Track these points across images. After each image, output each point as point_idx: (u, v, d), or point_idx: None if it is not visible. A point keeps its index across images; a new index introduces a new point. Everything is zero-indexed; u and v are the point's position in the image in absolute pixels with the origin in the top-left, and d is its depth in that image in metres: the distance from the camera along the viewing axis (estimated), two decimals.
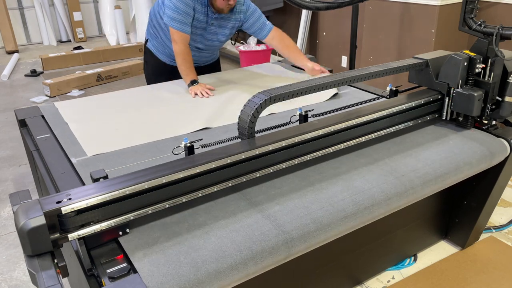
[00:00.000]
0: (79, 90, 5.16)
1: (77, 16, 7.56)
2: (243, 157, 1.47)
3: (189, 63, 2.56)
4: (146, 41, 2.94)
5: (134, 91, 2.64)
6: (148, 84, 2.94)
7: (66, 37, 7.66)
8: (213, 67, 3.02)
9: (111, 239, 1.31)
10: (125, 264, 1.22)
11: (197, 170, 1.39)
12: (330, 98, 2.37)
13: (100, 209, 1.25)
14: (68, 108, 2.35)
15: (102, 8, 7.43)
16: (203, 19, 2.55)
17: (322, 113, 1.85)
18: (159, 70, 2.83)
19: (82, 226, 1.23)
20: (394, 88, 2.07)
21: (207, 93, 2.44)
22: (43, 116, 2.25)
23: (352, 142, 1.76)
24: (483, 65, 1.88)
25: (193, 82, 2.51)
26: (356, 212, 1.50)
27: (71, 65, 6.11)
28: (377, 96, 2.20)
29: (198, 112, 2.26)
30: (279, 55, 3.06)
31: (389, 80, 2.18)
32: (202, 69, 2.90)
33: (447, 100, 1.95)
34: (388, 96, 2.07)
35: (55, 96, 4.99)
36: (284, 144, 1.55)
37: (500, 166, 1.94)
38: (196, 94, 2.44)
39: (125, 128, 2.09)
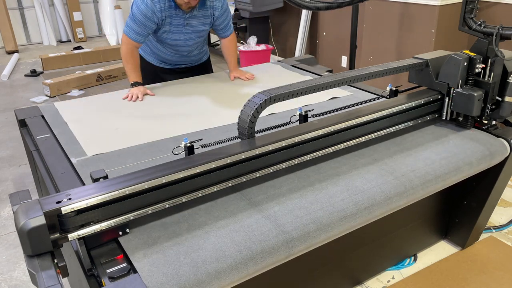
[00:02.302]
0: (79, 90, 5.16)
1: (77, 16, 7.56)
2: (243, 157, 1.47)
3: (132, 65, 2.60)
4: None
5: None
6: None
7: (66, 37, 7.66)
8: (204, 67, 3.01)
9: (111, 239, 1.31)
10: (125, 264, 1.22)
11: (197, 170, 1.39)
12: (330, 99, 2.37)
13: (100, 209, 1.25)
14: (68, 108, 2.35)
15: (102, 8, 7.43)
16: (177, 22, 2.55)
17: (322, 113, 1.85)
18: (149, 72, 2.81)
19: (82, 226, 1.23)
20: (394, 88, 2.07)
21: (138, 97, 2.45)
22: (43, 116, 2.26)
23: (352, 142, 1.76)
24: (483, 65, 1.88)
25: (134, 84, 2.55)
26: (356, 212, 1.50)
27: (71, 65, 6.10)
28: (377, 96, 2.20)
29: (196, 112, 2.26)
30: (278, 55, 3.07)
31: (389, 80, 2.17)
32: (193, 71, 2.91)
33: (447, 100, 1.95)
34: (388, 96, 2.07)
35: (55, 96, 4.99)
36: (284, 144, 1.55)
37: (500, 166, 1.94)
38: (127, 96, 2.47)
39: (125, 128, 2.10)
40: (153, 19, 2.46)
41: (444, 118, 2.00)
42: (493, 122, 1.99)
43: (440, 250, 2.28)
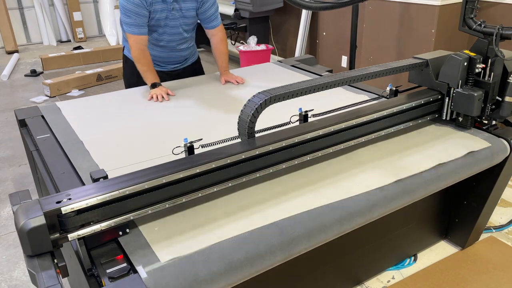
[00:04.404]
0: (79, 90, 5.16)
1: (77, 16, 7.56)
2: (243, 157, 1.47)
3: (147, 66, 2.53)
4: (123, 48, 2.92)
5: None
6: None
7: (66, 37, 7.66)
8: (195, 69, 2.97)
9: (111, 239, 1.31)
10: (125, 264, 1.22)
11: (197, 170, 1.39)
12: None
13: (100, 209, 1.25)
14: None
15: (102, 8, 7.43)
16: (163, 7, 2.50)
17: (322, 113, 1.85)
18: (138, 75, 2.69)
19: (82, 226, 1.23)
20: (394, 88, 2.07)
21: (164, 98, 2.40)
22: (43, 116, 2.25)
23: (352, 142, 1.76)
24: (483, 65, 1.88)
25: (154, 85, 2.48)
26: (356, 212, 1.50)
27: (71, 65, 6.11)
28: (377, 96, 2.20)
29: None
30: (278, 55, 3.05)
31: (389, 80, 2.17)
32: (184, 73, 2.87)
33: (447, 100, 1.95)
34: (388, 96, 2.07)
35: (55, 96, 4.99)
36: (284, 144, 1.55)
37: (500, 166, 1.94)
38: (151, 97, 2.42)
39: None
40: (142, 4, 2.42)
41: (444, 118, 2.00)
42: (493, 122, 1.99)
43: (440, 250, 2.28)
